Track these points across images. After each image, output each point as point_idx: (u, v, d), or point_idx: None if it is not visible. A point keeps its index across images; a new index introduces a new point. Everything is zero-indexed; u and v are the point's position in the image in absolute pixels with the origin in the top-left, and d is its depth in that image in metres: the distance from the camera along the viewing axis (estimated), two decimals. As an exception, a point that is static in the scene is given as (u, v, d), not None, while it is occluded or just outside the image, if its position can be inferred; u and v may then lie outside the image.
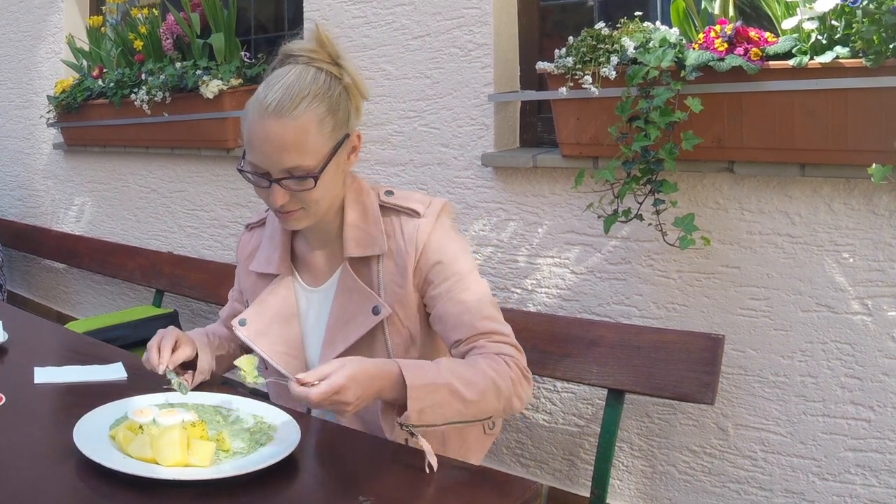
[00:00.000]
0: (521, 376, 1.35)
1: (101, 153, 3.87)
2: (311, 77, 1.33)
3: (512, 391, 1.32)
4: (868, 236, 1.81)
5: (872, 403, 1.83)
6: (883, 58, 1.60)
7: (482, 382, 1.28)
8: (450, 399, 1.25)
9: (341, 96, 1.35)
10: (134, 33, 3.44)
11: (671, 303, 2.09)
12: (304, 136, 1.30)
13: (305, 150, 1.30)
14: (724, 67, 1.77)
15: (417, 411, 1.21)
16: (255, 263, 1.54)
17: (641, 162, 1.89)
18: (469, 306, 1.39)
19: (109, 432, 1.23)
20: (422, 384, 1.22)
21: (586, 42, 2.01)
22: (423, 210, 1.43)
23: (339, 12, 2.76)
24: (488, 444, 1.66)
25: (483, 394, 1.28)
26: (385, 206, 1.44)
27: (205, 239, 3.40)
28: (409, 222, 1.42)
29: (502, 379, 1.31)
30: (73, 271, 4.13)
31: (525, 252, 2.35)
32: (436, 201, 1.45)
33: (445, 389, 1.24)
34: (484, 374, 1.29)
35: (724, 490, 2.06)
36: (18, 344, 1.78)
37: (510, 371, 1.33)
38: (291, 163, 1.31)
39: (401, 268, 1.41)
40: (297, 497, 1.15)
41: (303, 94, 1.31)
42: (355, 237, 1.42)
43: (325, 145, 1.33)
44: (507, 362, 1.34)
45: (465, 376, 1.28)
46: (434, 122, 2.54)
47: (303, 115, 1.30)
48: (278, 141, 1.30)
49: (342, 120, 1.35)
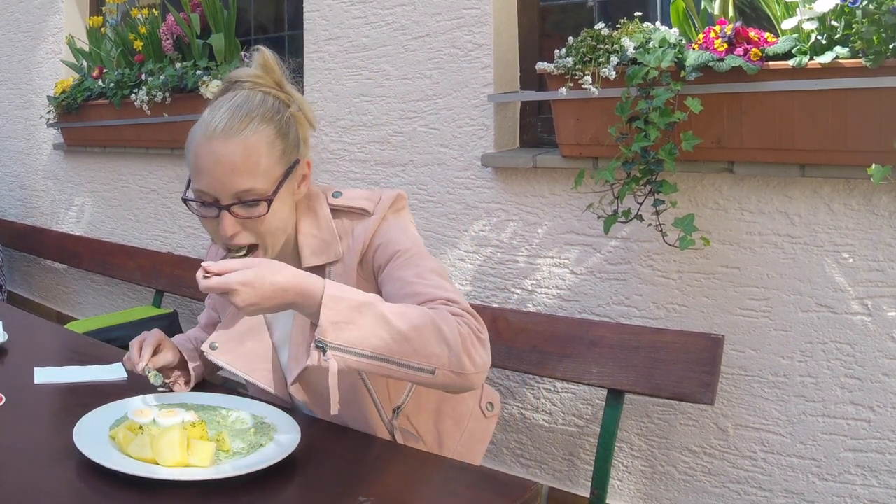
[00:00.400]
0: (473, 336, 1.18)
1: (101, 153, 3.87)
2: (258, 100, 1.29)
3: (461, 346, 1.15)
4: (868, 237, 1.81)
5: (872, 404, 1.83)
6: (883, 58, 1.60)
7: (419, 319, 1.15)
8: (374, 324, 1.12)
9: (290, 121, 1.31)
10: (134, 34, 3.44)
11: (671, 303, 2.09)
12: (256, 156, 1.25)
13: (257, 173, 1.25)
14: (724, 68, 1.77)
15: (332, 323, 1.10)
16: None
17: (641, 162, 1.89)
18: (410, 278, 1.28)
19: (109, 432, 1.23)
20: (340, 295, 1.13)
21: (586, 42, 2.01)
22: (373, 207, 1.37)
23: (338, 12, 2.76)
24: (490, 427, 1.62)
25: (418, 330, 1.13)
26: (335, 209, 1.40)
27: (205, 239, 3.40)
28: (360, 223, 1.37)
29: (447, 325, 1.16)
30: (73, 271, 4.13)
31: (525, 252, 2.35)
32: (385, 195, 1.39)
33: (370, 311, 1.12)
34: (423, 313, 1.16)
35: (723, 490, 2.06)
36: (18, 344, 1.78)
37: (459, 326, 1.17)
38: (242, 186, 1.24)
39: (348, 267, 1.36)
40: (297, 497, 1.15)
41: (252, 115, 1.26)
42: (311, 245, 1.37)
43: (276, 168, 1.27)
44: (457, 320, 1.18)
45: (399, 309, 1.16)
46: (434, 122, 2.54)
47: (252, 135, 1.25)
48: (228, 163, 1.24)
49: (292, 144, 1.31)
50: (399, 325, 1.13)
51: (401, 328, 1.12)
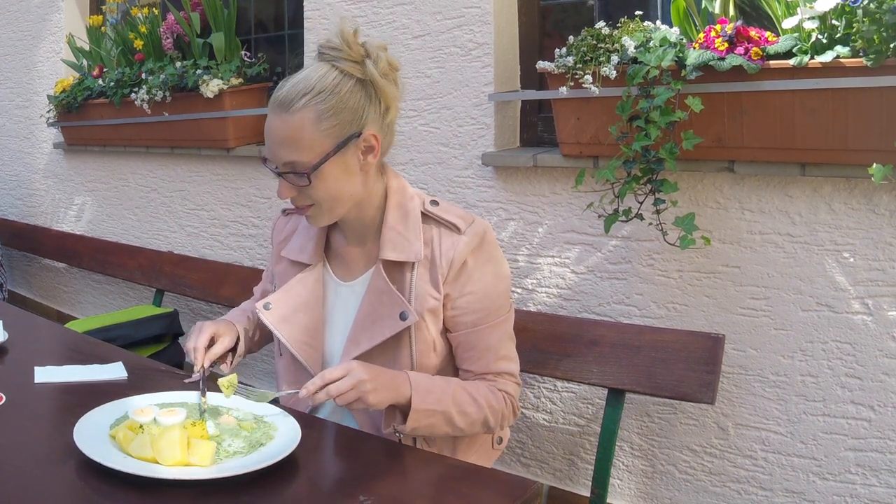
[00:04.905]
0: (511, 412, 1.47)
1: (101, 153, 3.87)
2: (320, 74, 1.34)
3: (497, 423, 1.44)
4: (868, 236, 1.81)
5: (873, 403, 1.83)
6: (883, 57, 1.60)
7: (476, 416, 1.40)
8: (442, 423, 1.37)
9: (352, 94, 1.34)
10: (134, 33, 3.44)
11: (671, 302, 2.09)
12: (299, 132, 1.31)
13: (299, 147, 1.32)
14: (725, 67, 1.77)
15: (412, 429, 1.35)
16: (288, 250, 1.54)
17: (642, 161, 1.89)
18: (490, 345, 1.45)
19: (110, 432, 1.23)
20: (424, 409, 1.34)
21: (587, 41, 2.01)
22: (465, 227, 1.42)
23: (339, 11, 2.76)
24: (495, 457, 1.67)
25: (472, 425, 1.41)
26: (427, 215, 1.44)
27: (205, 238, 3.40)
28: (448, 236, 1.42)
29: (494, 415, 1.43)
30: (73, 271, 4.13)
31: (525, 251, 2.35)
32: (478, 221, 1.45)
33: (442, 416, 1.36)
34: (480, 409, 1.40)
35: (724, 490, 2.06)
36: (18, 343, 1.78)
37: (504, 408, 1.45)
38: (287, 157, 1.33)
39: (434, 279, 1.41)
40: (297, 497, 1.15)
41: (305, 91, 1.32)
42: (392, 240, 1.42)
43: (322, 143, 1.32)
44: (504, 400, 1.45)
45: (464, 409, 1.39)
46: (434, 121, 2.53)
47: (300, 111, 1.31)
48: (276, 135, 1.34)
49: (348, 119, 1.33)
50: (459, 425, 1.39)
51: (460, 426, 1.39)
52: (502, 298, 1.46)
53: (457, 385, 1.40)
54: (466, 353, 1.45)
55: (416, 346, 1.42)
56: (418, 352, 1.43)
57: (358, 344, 1.42)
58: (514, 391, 1.47)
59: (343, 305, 1.49)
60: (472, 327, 1.43)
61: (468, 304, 1.42)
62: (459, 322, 1.43)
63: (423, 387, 1.34)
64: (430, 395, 1.34)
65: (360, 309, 1.44)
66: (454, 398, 1.37)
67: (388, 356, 1.42)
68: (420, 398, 1.33)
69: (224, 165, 3.25)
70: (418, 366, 1.43)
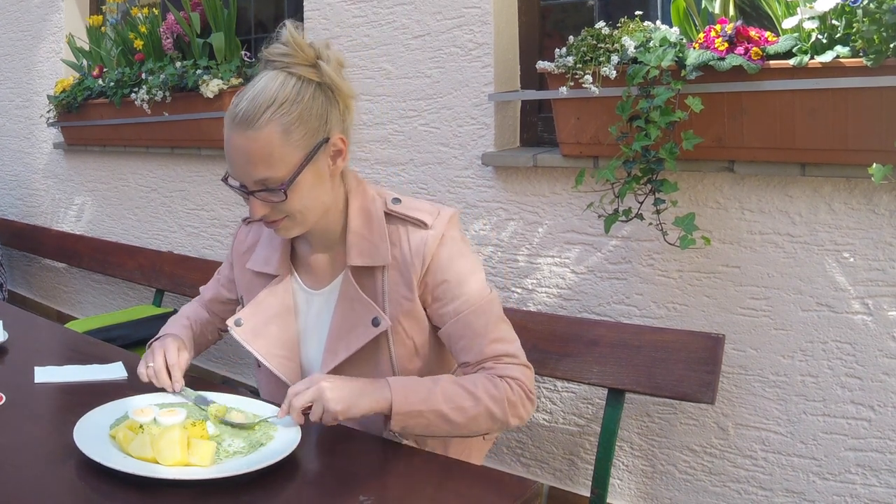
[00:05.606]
0: (523, 397, 1.36)
1: (101, 153, 3.87)
2: (278, 83, 1.29)
3: (509, 413, 1.34)
4: (868, 236, 1.81)
5: (873, 403, 1.83)
6: (883, 57, 1.60)
7: (476, 410, 1.31)
8: (437, 421, 1.30)
9: (315, 100, 1.31)
10: (134, 32, 3.44)
11: (671, 302, 2.09)
12: (269, 148, 1.27)
13: (270, 163, 1.27)
14: (725, 67, 1.77)
15: (401, 428, 1.29)
16: (253, 262, 1.51)
17: (642, 161, 1.89)
18: (478, 330, 1.38)
19: (110, 432, 1.23)
20: (407, 410, 1.27)
21: (587, 41, 2.01)
22: (431, 221, 1.39)
23: (339, 11, 2.76)
24: (488, 446, 1.66)
25: (474, 419, 1.32)
26: (391, 215, 1.41)
27: (205, 238, 3.40)
28: (416, 233, 1.39)
29: (498, 404, 1.33)
30: (73, 271, 4.13)
31: (525, 252, 2.35)
32: (444, 211, 1.41)
33: (433, 415, 1.29)
34: (478, 402, 1.32)
35: (724, 490, 2.06)
36: (18, 343, 1.78)
37: (512, 394, 1.34)
38: (260, 175, 1.28)
39: (406, 279, 1.38)
40: (297, 497, 1.15)
41: (267, 104, 1.27)
42: (358, 245, 1.39)
43: (293, 154, 1.28)
44: (510, 385, 1.35)
45: (459, 403, 1.31)
46: (434, 121, 2.53)
47: (266, 126, 1.26)
48: (244, 154, 1.28)
49: (315, 126, 1.30)
50: (456, 420, 1.31)
51: (457, 422, 1.31)
52: (479, 282, 1.41)
53: (447, 381, 1.34)
54: (458, 343, 1.39)
55: (396, 350, 1.40)
56: (399, 356, 1.41)
57: (335, 354, 1.40)
58: (522, 374, 1.37)
59: (317, 315, 1.46)
60: (456, 315, 1.38)
61: (445, 292, 1.38)
62: (444, 313, 1.39)
63: (404, 389, 1.29)
64: (413, 395, 1.29)
65: (334, 318, 1.41)
66: (444, 394, 1.30)
67: (368, 364, 1.40)
68: (401, 400, 1.27)
69: (224, 165, 3.24)
70: (400, 370, 1.41)
